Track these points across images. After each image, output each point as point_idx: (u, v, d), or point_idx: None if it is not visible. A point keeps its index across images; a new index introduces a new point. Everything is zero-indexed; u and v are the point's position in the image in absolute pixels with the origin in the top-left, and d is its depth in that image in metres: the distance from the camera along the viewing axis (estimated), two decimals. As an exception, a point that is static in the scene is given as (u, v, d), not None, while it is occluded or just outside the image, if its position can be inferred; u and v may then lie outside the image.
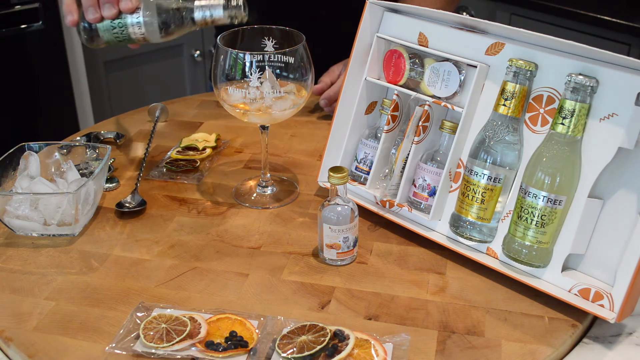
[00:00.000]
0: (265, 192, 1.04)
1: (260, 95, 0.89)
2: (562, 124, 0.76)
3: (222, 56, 0.90)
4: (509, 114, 0.81)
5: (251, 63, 0.88)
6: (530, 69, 0.79)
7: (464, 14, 2.01)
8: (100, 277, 0.84)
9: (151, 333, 0.72)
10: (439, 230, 0.91)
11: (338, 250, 0.85)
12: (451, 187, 0.89)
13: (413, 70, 0.92)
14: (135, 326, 0.75)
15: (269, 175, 1.04)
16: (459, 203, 0.86)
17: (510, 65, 0.80)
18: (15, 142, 0.98)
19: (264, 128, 0.98)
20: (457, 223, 0.86)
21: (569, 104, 0.76)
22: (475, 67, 0.85)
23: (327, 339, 0.70)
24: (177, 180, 1.08)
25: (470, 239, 0.86)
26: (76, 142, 1.10)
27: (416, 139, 0.90)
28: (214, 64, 0.92)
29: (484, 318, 0.77)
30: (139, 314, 0.76)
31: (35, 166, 0.96)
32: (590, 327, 0.79)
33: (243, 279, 0.84)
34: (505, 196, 0.84)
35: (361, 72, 0.97)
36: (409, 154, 0.91)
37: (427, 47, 0.91)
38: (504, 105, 0.81)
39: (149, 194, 1.03)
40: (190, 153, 1.15)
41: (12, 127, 2.16)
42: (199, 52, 2.61)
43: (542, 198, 0.77)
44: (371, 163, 0.98)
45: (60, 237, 0.92)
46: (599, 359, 0.74)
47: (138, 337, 0.73)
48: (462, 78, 0.88)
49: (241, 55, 0.89)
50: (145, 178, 1.08)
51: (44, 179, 0.95)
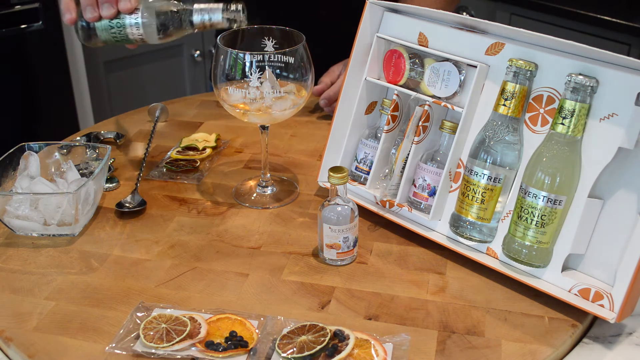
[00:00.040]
0: (265, 192, 1.04)
1: (260, 95, 0.89)
2: (562, 124, 0.76)
3: (222, 56, 0.90)
4: (509, 114, 0.81)
5: (251, 63, 0.88)
6: (530, 69, 0.79)
7: (464, 14, 2.01)
8: (100, 277, 0.84)
9: (151, 333, 0.72)
10: (439, 230, 0.91)
11: (338, 250, 0.85)
12: (451, 187, 0.89)
13: (413, 70, 0.92)
14: (135, 326, 0.75)
15: (269, 175, 1.04)
16: (459, 203, 0.86)
17: (510, 65, 0.80)
18: (15, 142, 0.98)
19: (264, 128, 0.98)
20: (457, 223, 0.86)
21: (569, 104, 0.76)
22: (475, 67, 0.85)
23: (327, 339, 0.70)
24: (177, 180, 1.08)
25: (470, 239, 0.86)
26: (76, 142, 1.10)
27: (416, 139, 0.90)
28: (214, 64, 0.92)
29: (484, 318, 0.77)
30: (139, 314, 0.76)
31: (35, 166, 0.96)
32: (590, 327, 0.79)
33: (243, 279, 0.84)
34: (505, 196, 0.84)
35: (361, 72, 0.97)
36: (409, 154, 0.91)
37: (427, 47, 0.91)
38: (504, 105, 0.81)
39: (149, 194, 1.03)
40: (190, 153, 1.15)
41: (12, 127, 2.16)
42: (199, 52, 2.61)
43: (542, 198, 0.77)
44: (371, 163, 0.98)
45: (60, 237, 0.92)
46: (599, 359, 0.74)
47: (138, 337, 0.73)
48: (462, 78, 0.88)
49: (241, 55, 0.89)
50: (145, 178, 1.08)
51: (44, 179, 0.95)
